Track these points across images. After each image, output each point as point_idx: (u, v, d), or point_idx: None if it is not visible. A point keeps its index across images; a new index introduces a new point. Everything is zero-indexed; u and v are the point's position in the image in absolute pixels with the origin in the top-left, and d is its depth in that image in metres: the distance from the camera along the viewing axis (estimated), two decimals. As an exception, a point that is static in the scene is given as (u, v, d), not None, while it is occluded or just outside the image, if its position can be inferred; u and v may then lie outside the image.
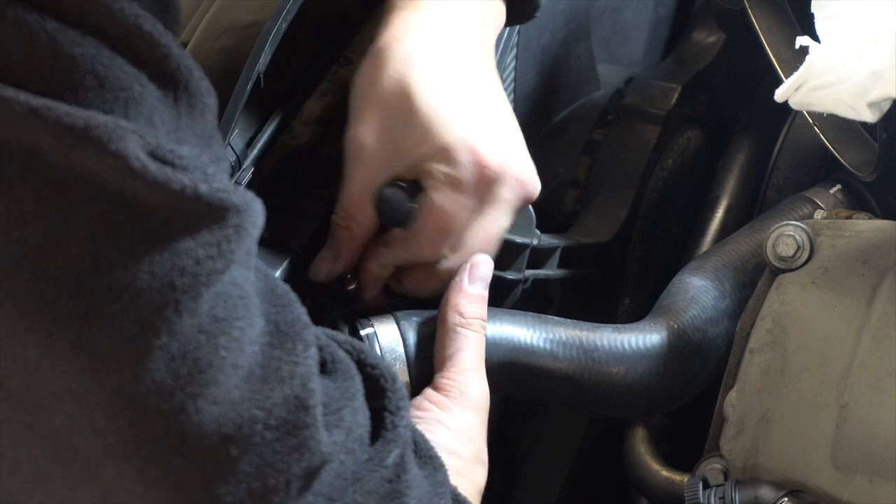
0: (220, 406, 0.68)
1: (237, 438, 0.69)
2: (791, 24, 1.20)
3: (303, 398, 0.71)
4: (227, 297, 0.69)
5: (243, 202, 0.69)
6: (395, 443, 0.79)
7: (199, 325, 0.68)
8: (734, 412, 1.02)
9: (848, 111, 0.99)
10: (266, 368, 0.70)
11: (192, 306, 0.67)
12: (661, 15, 1.51)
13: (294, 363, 0.72)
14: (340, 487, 0.74)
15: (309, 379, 0.72)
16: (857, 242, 1.03)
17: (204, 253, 0.67)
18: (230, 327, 0.69)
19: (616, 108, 1.39)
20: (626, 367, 1.05)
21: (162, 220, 0.66)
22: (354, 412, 0.77)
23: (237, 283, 0.70)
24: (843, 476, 0.96)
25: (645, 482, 1.11)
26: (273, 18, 0.98)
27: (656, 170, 1.35)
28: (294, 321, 0.74)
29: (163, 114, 0.68)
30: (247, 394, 0.69)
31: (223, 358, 0.68)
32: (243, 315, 0.70)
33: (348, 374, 0.79)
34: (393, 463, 0.78)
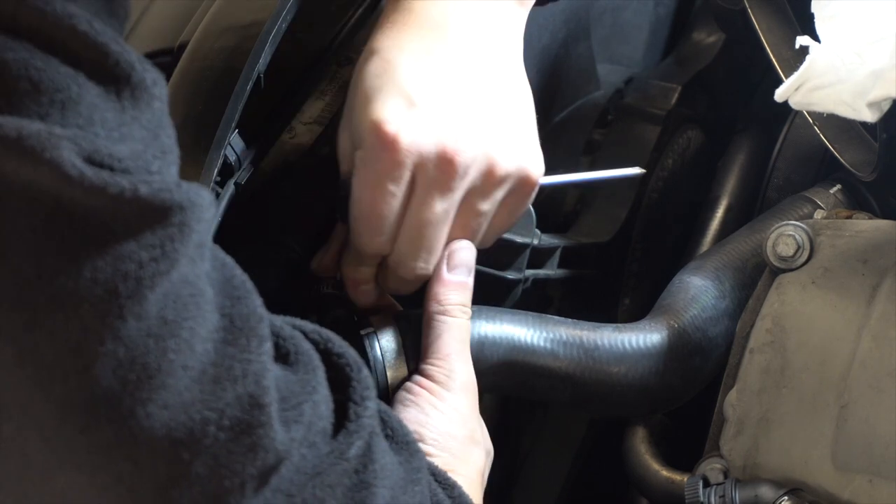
0: (170, 410, 0.67)
1: (189, 442, 0.68)
2: (791, 24, 1.20)
3: (256, 396, 0.70)
4: (176, 297, 0.68)
5: (186, 199, 0.68)
6: (357, 434, 0.78)
7: (147, 329, 0.67)
8: (734, 412, 1.02)
9: (848, 111, 0.99)
10: (218, 367, 0.69)
11: (137, 310, 0.66)
12: (661, 15, 1.51)
13: (247, 360, 0.71)
14: (300, 482, 0.73)
15: (262, 376, 0.71)
16: (857, 242, 1.03)
17: (147, 255, 0.66)
18: (179, 328, 0.68)
19: (616, 108, 1.39)
20: (626, 366, 1.05)
21: (102, 225, 0.65)
22: (315, 405, 0.76)
23: (188, 281, 0.69)
24: (843, 476, 0.96)
25: (645, 482, 1.11)
26: (273, 18, 0.99)
27: (656, 170, 1.35)
28: (249, 315, 0.72)
29: (104, 111, 0.68)
30: (198, 395, 0.68)
31: (172, 361, 0.68)
32: (194, 314, 0.69)
33: (310, 365, 0.78)
34: (356, 454, 0.78)
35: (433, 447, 0.91)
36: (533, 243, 1.16)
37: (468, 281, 0.99)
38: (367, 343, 0.98)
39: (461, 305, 0.98)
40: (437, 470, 0.88)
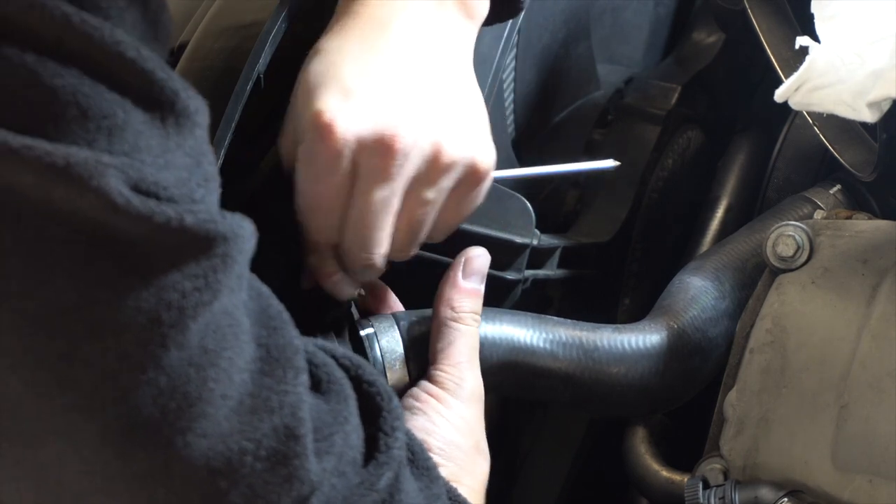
0: (208, 439, 0.68)
1: (226, 471, 0.68)
2: (791, 24, 1.20)
3: (292, 427, 0.71)
4: (216, 327, 0.69)
5: (230, 230, 0.68)
6: (388, 465, 0.79)
7: (189, 359, 0.67)
8: (734, 412, 1.02)
9: (848, 111, 0.99)
10: (256, 398, 0.70)
11: (179, 339, 0.67)
12: (661, 15, 1.51)
13: (284, 392, 0.71)
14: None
15: (298, 407, 0.72)
16: (857, 242, 1.03)
17: (190, 285, 0.66)
18: (219, 358, 0.69)
19: (616, 108, 1.39)
20: (626, 366, 1.05)
21: (147, 254, 0.66)
22: (346, 436, 0.77)
23: (227, 311, 0.70)
24: (843, 476, 0.96)
25: (645, 482, 1.11)
26: (273, 18, 0.98)
27: (656, 170, 1.35)
28: (285, 346, 0.73)
29: (149, 137, 0.68)
30: (236, 425, 0.69)
31: (212, 390, 0.68)
32: (232, 344, 0.70)
33: (342, 394, 0.79)
34: (386, 485, 0.78)
35: (439, 456, 0.91)
36: (533, 243, 1.16)
37: (481, 289, 1.00)
38: (367, 343, 0.98)
39: (473, 313, 0.99)
40: (453, 491, 0.89)
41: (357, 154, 0.90)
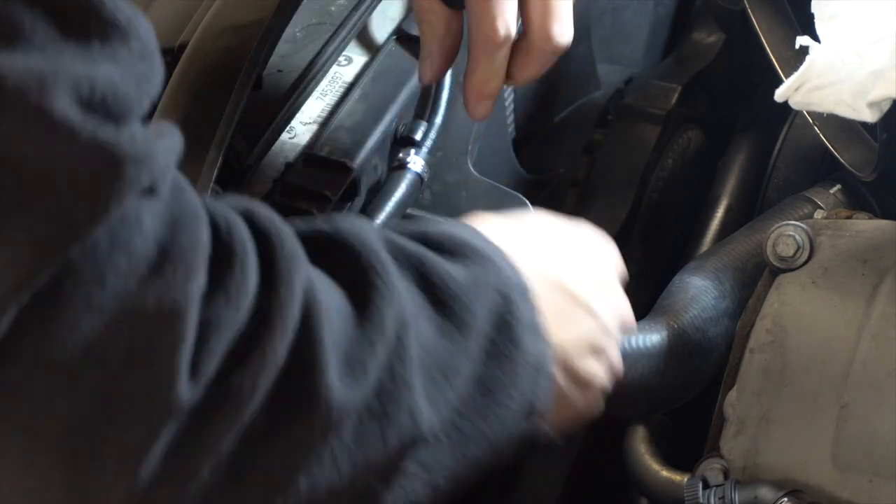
0: (77, 341, 0.60)
1: (99, 368, 0.60)
2: (791, 24, 1.20)
3: (170, 327, 0.61)
4: (114, 232, 0.60)
5: (144, 151, 0.60)
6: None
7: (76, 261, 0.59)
8: (734, 412, 1.02)
9: (848, 111, 0.99)
10: (137, 300, 0.60)
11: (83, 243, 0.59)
12: (661, 15, 1.51)
13: (167, 290, 0.61)
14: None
15: (184, 307, 0.62)
16: (857, 242, 1.03)
17: (87, 204, 0.58)
18: (106, 266, 0.60)
19: (616, 108, 1.39)
20: (626, 366, 1.05)
21: (49, 171, 0.58)
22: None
23: (125, 219, 0.61)
24: (843, 476, 0.96)
25: (645, 482, 1.11)
26: (273, 18, 0.99)
27: (656, 170, 1.35)
28: (185, 246, 0.63)
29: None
30: (109, 332, 0.60)
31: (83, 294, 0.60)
32: (124, 250, 0.60)
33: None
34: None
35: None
36: (533, 243, 1.15)
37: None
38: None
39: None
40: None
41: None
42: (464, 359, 0.73)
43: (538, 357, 0.77)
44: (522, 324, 0.76)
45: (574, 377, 0.84)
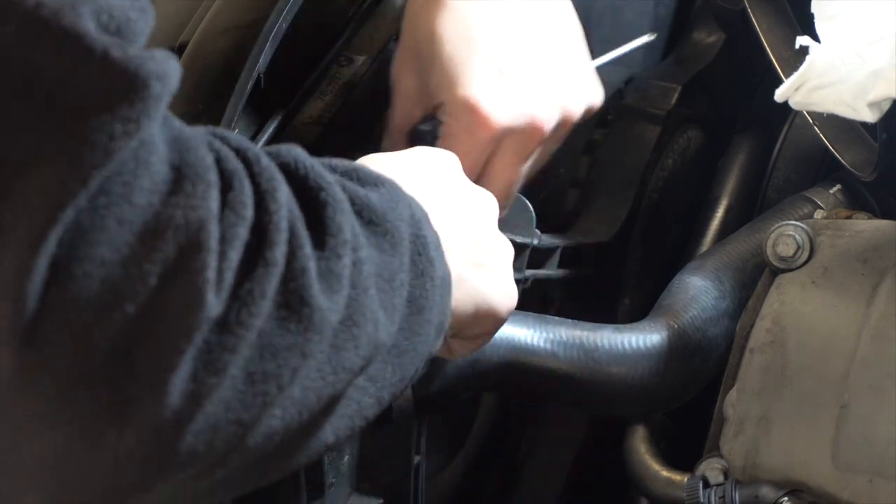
0: (106, 266, 0.61)
1: (130, 294, 0.62)
2: (791, 24, 1.20)
3: (197, 242, 0.64)
4: (133, 157, 0.62)
5: (162, 70, 0.62)
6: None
7: (101, 188, 0.61)
8: (734, 412, 1.02)
9: (848, 111, 0.99)
10: (160, 217, 0.63)
11: (96, 175, 0.61)
12: (661, 15, 1.51)
13: (191, 207, 0.64)
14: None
15: (206, 221, 0.64)
16: (857, 242, 1.03)
17: (121, 128, 0.61)
18: (133, 183, 0.62)
19: (616, 108, 1.39)
20: (626, 366, 1.05)
21: (79, 92, 0.60)
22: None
23: (144, 142, 0.63)
24: (843, 476, 0.96)
25: (645, 482, 1.11)
26: (273, 18, 0.99)
27: (656, 170, 1.35)
28: (197, 163, 0.65)
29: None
30: (137, 249, 0.62)
31: (107, 216, 0.61)
32: (143, 170, 0.62)
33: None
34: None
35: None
36: (533, 243, 1.16)
37: None
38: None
39: None
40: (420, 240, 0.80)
41: (506, 135, 0.99)
42: (401, 273, 0.76)
43: (445, 277, 0.81)
44: (432, 244, 0.80)
45: (470, 296, 0.87)
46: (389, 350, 0.76)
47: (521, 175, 1.03)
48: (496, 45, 0.99)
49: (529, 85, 1.00)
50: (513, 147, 1.00)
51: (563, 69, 1.03)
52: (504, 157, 1.00)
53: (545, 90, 1.01)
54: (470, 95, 0.98)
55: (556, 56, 1.03)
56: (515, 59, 1.00)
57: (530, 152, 1.02)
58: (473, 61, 0.99)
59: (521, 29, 1.01)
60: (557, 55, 1.03)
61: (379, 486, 1.15)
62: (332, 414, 0.74)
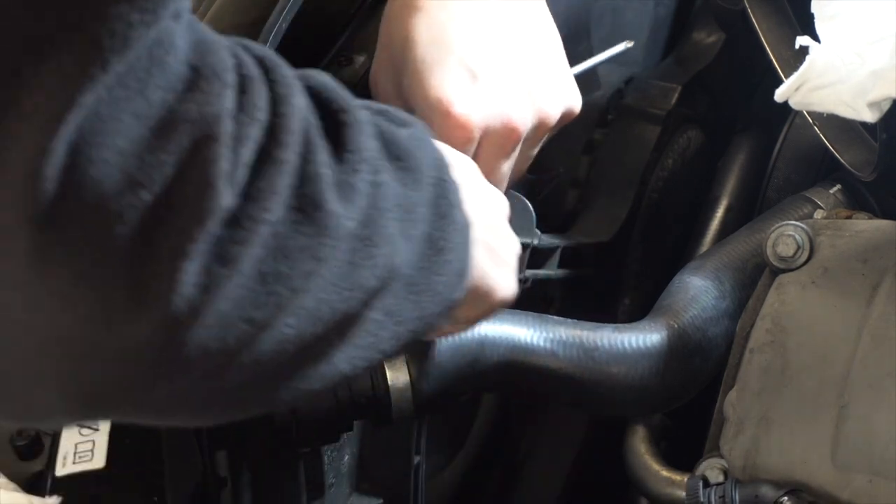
0: (123, 156, 0.63)
1: (146, 182, 0.63)
2: (791, 24, 1.20)
3: (210, 136, 0.65)
4: (149, 52, 0.64)
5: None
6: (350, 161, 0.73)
7: (119, 79, 0.63)
8: (734, 412, 1.02)
9: (848, 111, 0.99)
10: (175, 113, 0.64)
11: (115, 62, 0.62)
12: (661, 15, 1.51)
13: (207, 103, 0.65)
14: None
15: (219, 118, 0.66)
16: (857, 242, 1.03)
17: (138, 17, 0.62)
18: (148, 80, 0.63)
19: (616, 108, 1.39)
20: (626, 366, 1.05)
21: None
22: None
23: (161, 39, 0.64)
24: (843, 475, 0.96)
25: (645, 482, 1.11)
26: (273, 18, 0.99)
27: (656, 170, 1.35)
28: (216, 63, 0.67)
29: None
30: (152, 141, 0.64)
31: (124, 110, 0.63)
32: (162, 67, 0.64)
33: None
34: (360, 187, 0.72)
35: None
36: (533, 243, 1.16)
37: None
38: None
39: None
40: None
41: (484, 137, 0.98)
42: (421, 207, 0.77)
43: (466, 224, 0.82)
44: (456, 191, 0.81)
45: (474, 275, 0.87)
46: (408, 285, 0.77)
47: (501, 177, 1.02)
48: (469, 47, 0.99)
49: (503, 86, 0.99)
50: (490, 148, 0.99)
51: (538, 72, 1.02)
52: (482, 158, 0.99)
53: (519, 91, 1.01)
54: (443, 97, 0.97)
55: (531, 59, 1.02)
56: (489, 62, 1.00)
57: (508, 153, 1.01)
58: (446, 63, 0.98)
59: (496, 32, 1.01)
60: (532, 58, 1.02)
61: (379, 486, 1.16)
62: (348, 340, 0.74)
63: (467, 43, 0.99)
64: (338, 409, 0.98)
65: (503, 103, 0.99)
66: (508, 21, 1.02)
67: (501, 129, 0.99)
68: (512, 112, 0.99)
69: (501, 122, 0.99)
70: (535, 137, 1.03)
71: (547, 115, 1.02)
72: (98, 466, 0.89)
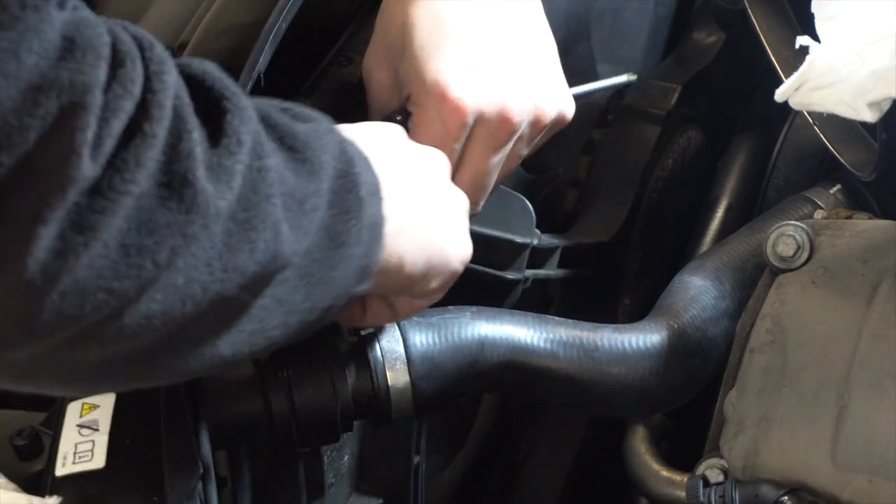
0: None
1: (5, 144, 0.64)
2: (791, 24, 1.20)
3: (79, 105, 0.65)
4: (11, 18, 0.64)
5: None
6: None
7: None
8: (734, 412, 1.02)
9: (848, 111, 0.99)
10: (46, 79, 0.64)
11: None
12: (661, 15, 1.51)
13: (80, 72, 0.66)
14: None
15: (91, 88, 0.66)
16: (857, 242, 1.03)
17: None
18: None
19: (616, 108, 1.39)
20: (626, 366, 1.05)
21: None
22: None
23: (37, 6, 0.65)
24: (842, 475, 0.96)
25: (645, 482, 1.11)
26: (273, 18, 0.99)
27: (656, 170, 1.35)
28: (92, 36, 0.67)
29: None
30: (19, 103, 0.64)
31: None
32: (31, 34, 0.64)
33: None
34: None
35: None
36: (533, 243, 1.16)
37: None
38: (367, 344, 0.98)
39: None
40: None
41: (477, 124, 0.98)
42: (316, 198, 0.77)
43: (376, 221, 0.82)
44: (366, 186, 0.81)
45: (420, 248, 0.88)
46: (301, 276, 0.77)
47: (492, 167, 1.01)
48: (468, 36, 0.99)
49: (501, 76, 0.99)
50: (484, 136, 0.98)
51: (536, 70, 1.02)
52: (475, 145, 0.99)
53: (516, 83, 1.00)
54: (439, 80, 0.97)
55: (528, 57, 1.02)
56: (487, 51, 0.99)
57: (500, 145, 1.00)
58: (445, 49, 0.98)
59: (495, 26, 1.01)
60: (530, 57, 1.02)
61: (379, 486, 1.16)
62: (230, 325, 0.75)
63: (467, 32, 0.99)
64: (338, 409, 0.97)
65: (500, 92, 0.98)
66: (507, 19, 1.02)
67: (496, 117, 0.98)
68: (508, 101, 0.99)
69: (497, 110, 0.98)
70: (529, 136, 1.02)
71: (543, 113, 1.01)
72: (98, 466, 0.89)
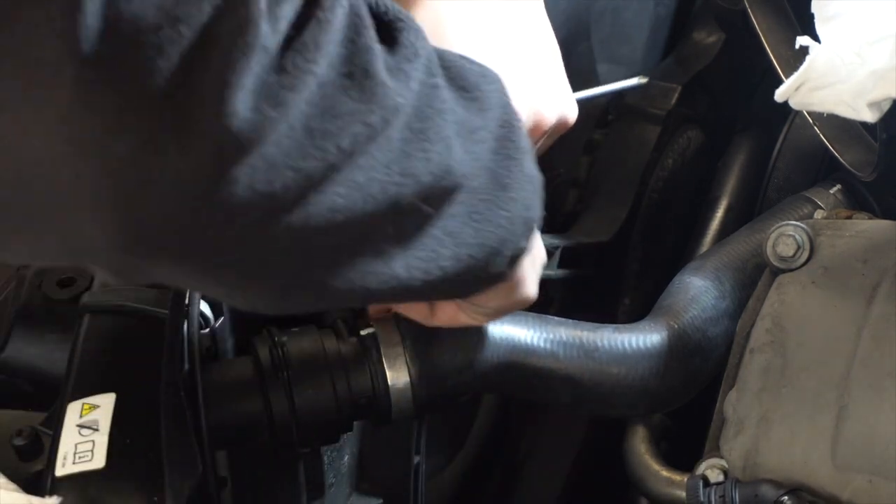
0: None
1: (182, 15, 0.63)
2: (791, 25, 1.20)
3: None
4: None
5: None
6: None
7: None
8: (734, 412, 1.02)
9: (848, 111, 0.99)
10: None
11: None
12: (661, 15, 1.51)
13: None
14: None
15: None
16: (857, 242, 1.03)
17: None
18: None
19: (616, 108, 1.39)
20: (626, 367, 1.05)
21: None
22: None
23: None
24: (843, 476, 0.96)
25: (645, 482, 1.11)
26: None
27: (656, 170, 1.35)
28: None
29: None
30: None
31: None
32: None
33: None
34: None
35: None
36: (533, 243, 1.15)
37: None
38: (367, 344, 0.98)
39: None
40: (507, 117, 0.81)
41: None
42: (485, 132, 0.76)
43: (536, 176, 0.81)
44: (524, 137, 0.80)
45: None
46: (469, 212, 0.76)
47: None
48: (467, 41, 0.97)
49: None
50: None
51: (537, 76, 1.00)
52: None
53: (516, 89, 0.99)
54: None
55: (529, 61, 1.00)
56: (486, 57, 0.98)
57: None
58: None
59: (495, 28, 0.99)
60: (531, 61, 1.00)
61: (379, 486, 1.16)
62: (406, 242, 0.74)
63: (466, 35, 0.98)
64: (338, 409, 0.98)
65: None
66: (508, 21, 1.01)
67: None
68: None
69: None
70: (531, 140, 1.01)
71: (542, 118, 1.00)
72: (98, 466, 0.89)
